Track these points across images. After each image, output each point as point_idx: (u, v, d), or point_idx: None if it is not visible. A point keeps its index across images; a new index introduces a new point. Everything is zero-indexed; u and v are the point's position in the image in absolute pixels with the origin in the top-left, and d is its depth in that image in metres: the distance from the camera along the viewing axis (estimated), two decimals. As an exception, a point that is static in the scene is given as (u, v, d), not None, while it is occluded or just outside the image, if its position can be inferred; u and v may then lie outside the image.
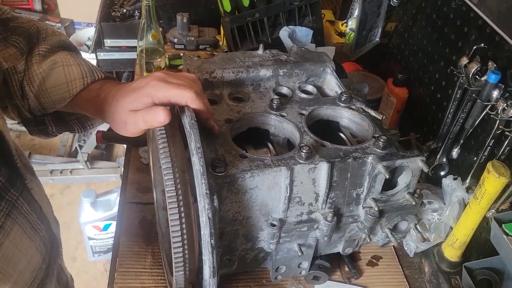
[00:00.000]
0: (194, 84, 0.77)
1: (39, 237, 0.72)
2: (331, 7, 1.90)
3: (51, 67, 0.79)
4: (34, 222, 0.71)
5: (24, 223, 0.68)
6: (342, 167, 0.78)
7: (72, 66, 0.79)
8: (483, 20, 1.02)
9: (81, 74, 0.78)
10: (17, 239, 0.66)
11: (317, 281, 0.93)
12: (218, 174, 0.72)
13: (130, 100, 0.72)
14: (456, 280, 0.94)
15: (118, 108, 0.73)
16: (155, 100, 0.71)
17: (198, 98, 0.73)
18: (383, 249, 1.02)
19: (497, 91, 0.94)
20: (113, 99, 0.74)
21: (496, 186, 0.82)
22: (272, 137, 0.89)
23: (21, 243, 0.67)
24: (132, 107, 0.72)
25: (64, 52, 0.82)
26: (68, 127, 0.86)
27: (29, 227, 0.69)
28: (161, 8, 1.67)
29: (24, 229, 0.68)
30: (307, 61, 0.99)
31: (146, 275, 0.92)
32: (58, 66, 0.79)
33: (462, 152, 1.09)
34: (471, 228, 0.90)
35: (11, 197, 0.65)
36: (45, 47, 0.81)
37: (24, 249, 0.68)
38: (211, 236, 0.69)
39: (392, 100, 1.31)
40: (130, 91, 0.73)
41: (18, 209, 0.66)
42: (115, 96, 0.74)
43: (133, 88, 0.73)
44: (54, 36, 0.84)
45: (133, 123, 0.72)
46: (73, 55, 0.82)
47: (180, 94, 0.72)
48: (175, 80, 0.74)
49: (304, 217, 0.81)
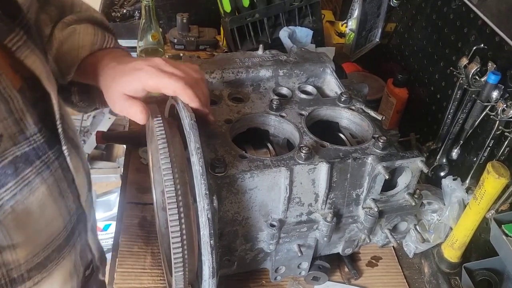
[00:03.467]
0: (194, 74, 0.78)
1: (64, 205, 0.74)
2: (331, 8, 1.90)
3: (70, 34, 0.83)
4: (63, 189, 0.73)
5: (53, 187, 0.70)
6: (342, 168, 0.78)
7: (89, 35, 0.83)
8: (483, 20, 1.02)
9: (92, 41, 0.82)
10: (42, 199, 0.69)
11: (317, 282, 0.93)
12: (217, 174, 0.72)
13: (123, 82, 0.75)
14: (456, 281, 0.94)
15: (113, 86, 0.76)
16: (146, 87, 0.73)
17: (188, 89, 0.73)
18: (383, 250, 1.02)
19: (497, 92, 0.94)
20: (109, 75, 0.77)
21: (495, 187, 0.82)
22: (272, 138, 0.89)
23: (45, 204, 0.70)
24: (124, 90, 0.74)
25: (89, 24, 0.86)
26: (91, 99, 0.90)
27: (57, 192, 0.72)
28: (161, 8, 1.67)
29: (51, 192, 0.70)
30: (307, 61, 0.99)
31: (146, 275, 0.92)
32: (76, 33, 0.83)
33: (462, 152, 1.09)
34: (470, 228, 0.90)
35: (47, 158, 0.68)
36: (72, 18, 0.86)
37: (47, 210, 0.71)
38: (211, 237, 0.68)
39: (392, 100, 1.31)
40: (126, 72, 0.75)
41: (51, 171, 0.69)
42: (113, 72, 0.77)
43: (129, 69, 0.76)
44: (87, 12, 0.89)
45: (119, 108, 0.76)
46: (96, 28, 0.86)
47: (169, 83, 0.73)
48: (170, 69, 0.75)
49: (304, 218, 0.81)
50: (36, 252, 0.72)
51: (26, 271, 0.72)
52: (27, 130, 0.64)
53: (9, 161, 0.63)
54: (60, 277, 0.80)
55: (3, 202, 0.64)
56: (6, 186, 0.64)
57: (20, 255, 0.69)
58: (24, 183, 0.66)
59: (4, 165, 0.63)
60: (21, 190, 0.66)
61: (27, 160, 0.65)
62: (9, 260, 0.68)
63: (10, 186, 0.64)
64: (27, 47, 0.65)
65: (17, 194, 0.65)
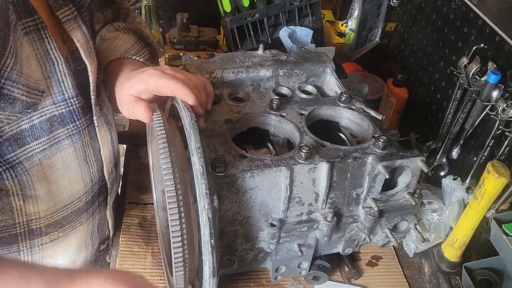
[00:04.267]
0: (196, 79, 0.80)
1: (88, 171, 0.81)
2: (331, 7, 1.90)
3: (112, 37, 0.91)
4: (88, 155, 0.81)
5: (80, 151, 0.78)
6: (342, 167, 0.78)
7: (127, 44, 0.90)
8: (483, 20, 1.02)
9: (126, 50, 0.89)
10: (68, 159, 0.76)
11: (317, 281, 0.93)
12: (218, 174, 0.72)
13: (129, 84, 0.79)
14: (456, 280, 0.94)
15: (122, 90, 0.80)
16: (148, 87, 0.76)
17: (185, 88, 0.75)
18: (383, 249, 1.02)
19: (497, 92, 0.94)
20: (120, 80, 0.82)
21: (496, 187, 0.82)
22: (272, 137, 0.89)
23: (69, 164, 0.77)
24: (130, 92, 0.78)
25: (133, 36, 0.93)
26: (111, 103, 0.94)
27: (82, 157, 0.79)
28: (161, 8, 1.67)
29: (77, 155, 0.78)
30: (307, 61, 0.99)
31: (146, 275, 0.92)
32: (117, 39, 0.90)
33: (462, 152, 1.09)
34: (471, 228, 0.90)
35: (80, 124, 0.76)
36: (122, 25, 0.94)
37: (70, 171, 0.78)
38: (211, 236, 0.68)
39: (392, 100, 1.31)
40: (132, 76, 0.80)
41: (81, 137, 0.77)
42: (123, 77, 0.82)
43: (135, 72, 0.81)
44: (138, 24, 0.97)
45: (126, 109, 0.79)
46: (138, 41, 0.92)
47: (168, 83, 0.75)
48: (172, 72, 0.78)
49: (304, 217, 0.81)
50: (56, 209, 0.78)
51: (45, 226, 0.78)
52: (66, 92, 0.72)
53: (47, 119, 0.71)
54: (76, 241, 0.86)
55: (34, 153, 0.72)
56: (39, 139, 0.72)
57: (41, 208, 0.76)
58: (55, 140, 0.74)
59: (42, 121, 0.71)
60: (51, 146, 0.73)
61: (62, 121, 0.74)
62: (30, 210, 0.75)
63: (42, 141, 0.72)
64: (75, 22, 0.74)
65: (47, 149, 0.73)
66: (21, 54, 0.64)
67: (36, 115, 0.70)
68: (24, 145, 0.70)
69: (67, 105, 0.73)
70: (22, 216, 0.74)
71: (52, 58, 0.69)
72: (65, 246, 0.84)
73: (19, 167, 0.71)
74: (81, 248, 0.88)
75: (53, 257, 0.83)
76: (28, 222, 0.75)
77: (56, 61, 0.70)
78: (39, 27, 0.67)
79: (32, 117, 0.70)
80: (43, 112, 0.71)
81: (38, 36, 0.68)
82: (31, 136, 0.71)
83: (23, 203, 0.73)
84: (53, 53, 0.70)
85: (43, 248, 0.81)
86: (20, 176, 0.71)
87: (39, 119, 0.70)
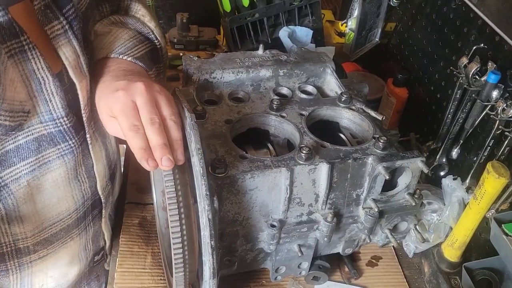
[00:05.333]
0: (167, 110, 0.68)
1: (78, 188, 0.78)
2: (331, 7, 1.90)
3: (105, 33, 0.83)
4: (80, 174, 0.77)
5: (71, 170, 0.74)
6: (342, 168, 0.78)
7: (118, 41, 0.81)
8: (483, 20, 1.02)
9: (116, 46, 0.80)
10: (58, 180, 0.73)
11: (317, 282, 0.93)
12: (218, 175, 0.72)
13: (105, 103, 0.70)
14: (456, 281, 0.95)
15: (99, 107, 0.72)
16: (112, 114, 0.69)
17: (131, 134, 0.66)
18: (383, 250, 1.02)
19: (497, 91, 0.94)
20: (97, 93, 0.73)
21: (495, 187, 0.82)
22: (272, 138, 0.89)
23: (58, 184, 0.74)
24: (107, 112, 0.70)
25: (130, 31, 0.84)
26: None
27: (73, 176, 0.75)
28: (161, 8, 1.67)
29: (68, 174, 0.74)
30: (307, 61, 0.99)
31: (146, 275, 0.92)
32: (108, 35, 0.83)
33: (462, 152, 1.09)
34: (470, 228, 0.90)
35: (73, 144, 0.72)
36: (119, 18, 0.86)
37: (59, 191, 0.74)
38: (211, 237, 0.69)
39: (392, 100, 1.31)
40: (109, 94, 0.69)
41: (74, 156, 0.73)
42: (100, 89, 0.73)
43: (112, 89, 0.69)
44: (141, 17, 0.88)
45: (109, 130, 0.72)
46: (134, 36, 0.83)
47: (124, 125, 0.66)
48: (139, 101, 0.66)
49: (304, 218, 0.81)
50: (43, 227, 0.75)
51: (32, 245, 0.75)
52: (54, 112, 0.68)
53: (34, 138, 0.67)
54: (67, 256, 0.83)
55: (21, 175, 0.68)
56: (26, 160, 0.68)
57: (27, 228, 0.73)
58: (44, 161, 0.70)
59: (28, 140, 0.67)
60: (40, 167, 0.70)
61: (51, 141, 0.69)
62: (16, 231, 0.72)
63: (30, 161, 0.68)
64: (65, 37, 0.68)
65: (35, 170, 0.69)
66: (5, 79, 0.60)
67: (22, 135, 0.66)
68: (10, 166, 0.67)
69: (56, 125, 0.69)
70: (8, 236, 0.71)
71: (39, 77, 0.65)
72: (54, 261, 0.81)
73: (4, 190, 0.67)
74: (73, 262, 0.85)
75: (43, 271, 0.81)
76: (14, 241, 0.72)
77: (43, 80, 0.65)
78: (25, 48, 0.62)
79: (18, 137, 0.66)
80: (30, 131, 0.67)
81: (24, 58, 0.63)
82: (17, 156, 0.67)
83: (8, 226, 0.70)
84: (39, 73, 0.65)
85: (32, 265, 0.78)
86: (5, 200, 0.68)
87: (25, 139, 0.67)
